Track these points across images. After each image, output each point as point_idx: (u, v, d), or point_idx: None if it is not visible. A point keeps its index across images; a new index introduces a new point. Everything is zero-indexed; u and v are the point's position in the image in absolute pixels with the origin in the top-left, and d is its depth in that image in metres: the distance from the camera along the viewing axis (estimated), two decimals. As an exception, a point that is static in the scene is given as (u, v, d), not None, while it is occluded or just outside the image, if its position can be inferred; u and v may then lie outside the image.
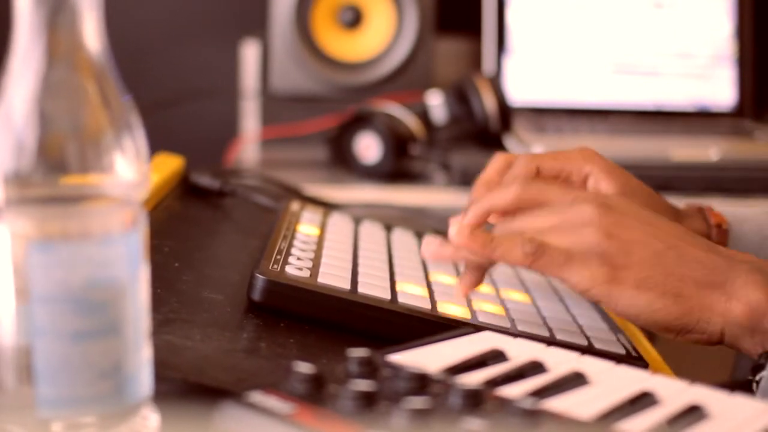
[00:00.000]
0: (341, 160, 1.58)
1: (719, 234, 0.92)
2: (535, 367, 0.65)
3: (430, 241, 0.81)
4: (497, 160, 0.92)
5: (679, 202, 0.97)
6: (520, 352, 0.68)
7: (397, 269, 0.90)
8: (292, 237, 0.90)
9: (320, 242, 0.91)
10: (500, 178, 0.90)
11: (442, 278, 0.90)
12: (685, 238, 0.77)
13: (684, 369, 0.83)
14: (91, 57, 0.53)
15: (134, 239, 0.55)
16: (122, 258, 0.54)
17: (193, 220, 1.01)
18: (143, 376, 0.56)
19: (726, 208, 0.96)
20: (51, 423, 0.53)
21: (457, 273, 0.94)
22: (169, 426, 0.58)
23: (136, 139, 0.54)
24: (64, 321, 0.52)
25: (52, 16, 0.52)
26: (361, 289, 0.80)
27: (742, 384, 0.98)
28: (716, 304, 0.74)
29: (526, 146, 1.56)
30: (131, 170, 0.54)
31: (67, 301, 0.52)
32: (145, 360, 0.56)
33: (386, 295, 0.81)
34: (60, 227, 0.53)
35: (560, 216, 0.77)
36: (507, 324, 0.81)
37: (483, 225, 0.84)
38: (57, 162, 0.52)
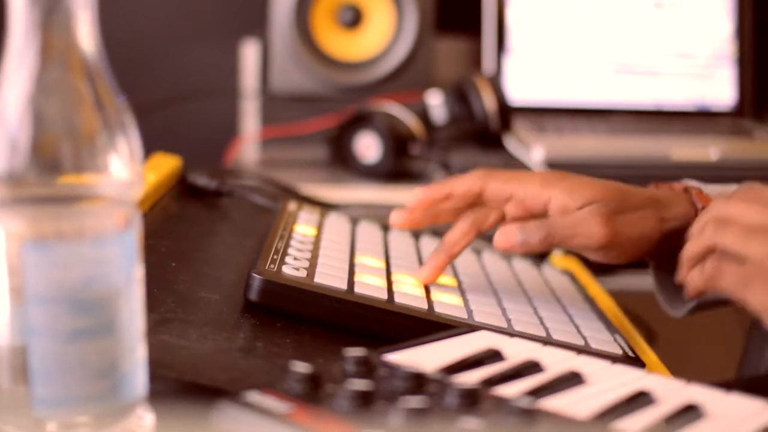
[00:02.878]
0: (341, 160, 1.58)
1: None
2: (531, 367, 0.65)
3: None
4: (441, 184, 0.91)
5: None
6: (516, 351, 0.68)
7: (393, 269, 0.89)
8: (289, 237, 0.90)
9: (317, 242, 0.91)
10: (439, 184, 0.90)
11: (440, 279, 0.90)
12: None
13: (684, 371, 0.83)
14: (85, 57, 0.53)
15: (129, 239, 0.55)
16: (117, 258, 0.54)
17: (190, 220, 1.01)
18: (138, 376, 0.56)
19: (714, 187, 0.93)
20: (46, 423, 0.53)
21: (454, 273, 0.93)
22: (164, 425, 0.58)
23: (130, 140, 0.54)
24: (59, 321, 0.52)
25: (46, 16, 0.52)
26: (357, 289, 0.80)
27: (740, 383, 0.98)
28: None
29: (526, 146, 1.56)
30: (125, 170, 0.54)
31: (62, 300, 0.52)
32: (140, 360, 0.56)
33: (383, 295, 0.80)
34: (54, 227, 0.53)
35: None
36: (503, 324, 0.81)
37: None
38: (51, 162, 0.52)
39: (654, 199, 0.90)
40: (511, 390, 0.60)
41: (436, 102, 1.61)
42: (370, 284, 0.82)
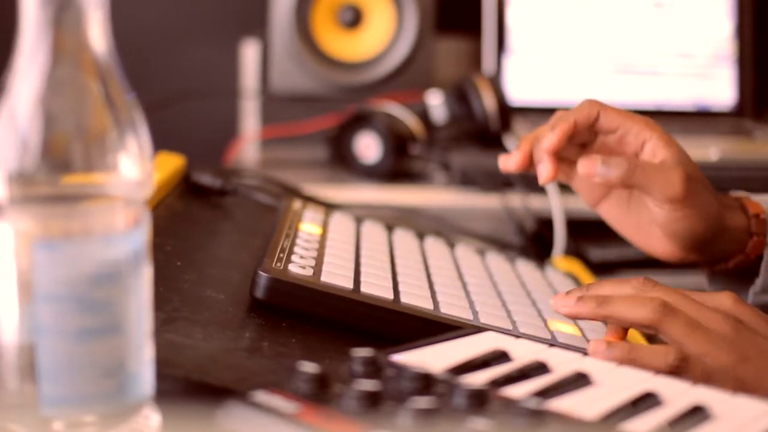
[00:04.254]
0: (341, 160, 1.58)
1: (758, 224, 0.91)
2: (538, 368, 0.65)
3: (565, 298, 0.79)
4: (556, 114, 0.91)
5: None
6: (523, 352, 0.68)
7: (399, 269, 0.89)
8: (295, 235, 0.90)
9: (323, 241, 0.91)
10: (560, 118, 0.90)
11: (444, 278, 0.90)
12: None
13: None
14: (96, 56, 0.53)
15: (137, 238, 0.55)
16: (125, 257, 0.54)
17: (194, 219, 1.01)
18: (145, 375, 0.56)
19: (762, 196, 0.94)
20: (52, 421, 0.53)
21: (458, 275, 0.93)
22: (170, 425, 0.58)
23: (140, 139, 0.54)
24: (68, 319, 0.52)
25: (58, 14, 0.52)
26: (363, 289, 0.80)
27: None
28: None
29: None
30: (135, 169, 0.54)
31: (71, 299, 0.52)
32: (147, 359, 0.56)
33: (389, 295, 0.80)
34: (63, 226, 0.52)
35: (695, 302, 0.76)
36: (509, 325, 0.81)
37: None
38: (61, 161, 0.52)
39: (720, 197, 0.92)
40: (518, 391, 0.60)
41: (436, 102, 1.61)
42: (376, 284, 0.82)
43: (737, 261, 0.92)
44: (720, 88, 1.87)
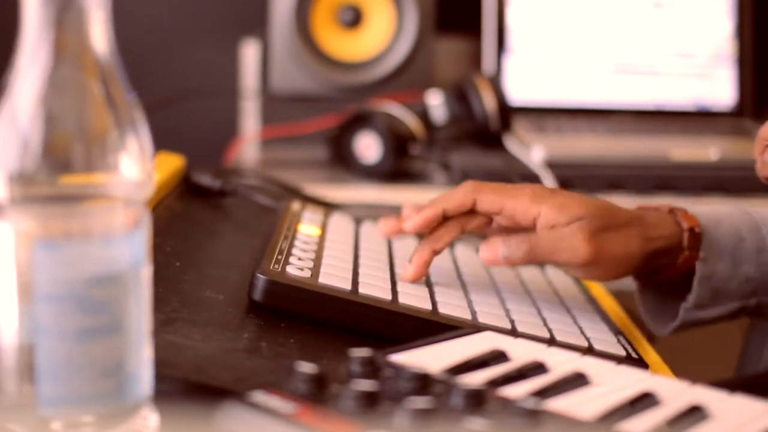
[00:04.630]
0: (341, 160, 1.58)
1: (691, 238, 0.90)
2: (536, 368, 0.65)
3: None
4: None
5: (666, 201, 0.95)
6: (521, 352, 0.68)
7: (398, 270, 0.90)
8: (293, 237, 0.90)
9: (321, 242, 0.91)
10: (431, 201, 0.90)
11: (443, 279, 0.90)
12: None
13: (685, 370, 0.83)
14: (98, 57, 0.53)
15: (137, 238, 0.55)
16: (125, 257, 0.54)
17: (194, 220, 1.01)
18: (144, 376, 0.56)
19: (702, 207, 0.94)
20: (51, 421, 0.53)
21: (457, 275, 0.94)
22: (169, 425, 0.58)
23: (141, 139, 0.54)
24: (67, 319, 0.52)
25: (59, 14, 0.52)
26: (362, 290, 0.80)
27: (743, 383, 0.98)
28: None
29: (526, 146, 1.56)
30: (135, 170, 0.54)
31: (70, 299, 0.52)
32: (146, 359, 0.56)
33: (387, 296, 0.81)
34: (64, 226, 0.53)
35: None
36: (507, 325, 0.81)
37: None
38: (61, 161, 0.52)
39: (640, 218, 0.90)
40: (516, 391, 0.60)
41: (436, 102, 1.61)
42: (374, 285, 0.82)
43: (667, 274, 0.92)
44: (720, 88, 1.87)
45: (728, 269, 0.91)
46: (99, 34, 0.53)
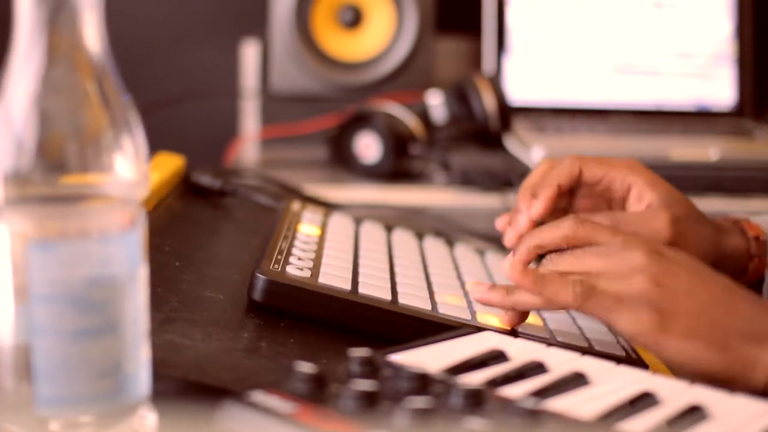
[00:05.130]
0: (341, 160, 1.58)
1: (758, 246, 0.91)
2: (535, 368, 0.65)
3: (480, 285, 0.80)
4: (542, 164, 0.92)
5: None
6: (520, 352, 0.68)
7: (397, 269, 0.89)
8: (293, 237, 0.90)
9: (321, 242, 0.91)
10: (543, 182, 0.89)
11: (443, 278, 0.90)
12: (732, 290, 0.76)
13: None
14: (91, 56, 0.53)
15: (133, 238, 0.55)
16: (121, 257, 0.54)
17: (193, 220, 1.01)
18: (142, 375, 0.56)
19: (761, 218, 0.94)
20: (49, 422, 0.53)
21: (457, 275, 0.93)
22: (168, 425, 0.58)
23: (136, 139, 0.54)
24: (64, 320, 0.52)
25: (53, 15, 0.52)
26: (361, 290, 0.80)
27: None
28: (760, 359, 0.73)
29: (526, 146, 1.56)
30: (131, 170, 0.54)
31: (67, 300, 0.52)
32: (143, 359, 0.56)
33: (387, 296, 0.80)
34: (59, 226, 0.52)
35: (610, 260, 0.75)
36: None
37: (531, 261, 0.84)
38: (56, 161, 0.52)
39: (715, 222, 0.91)
40: (515, 391, 0.60)
41: (436, 102, 1.61)
42: (374, 285, 0.82)
43: (740, 283, 0.92)
44: (720, 88, 1.87)
45: None
46: (92, 34, 0.53)
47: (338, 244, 0.92)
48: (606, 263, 0.75)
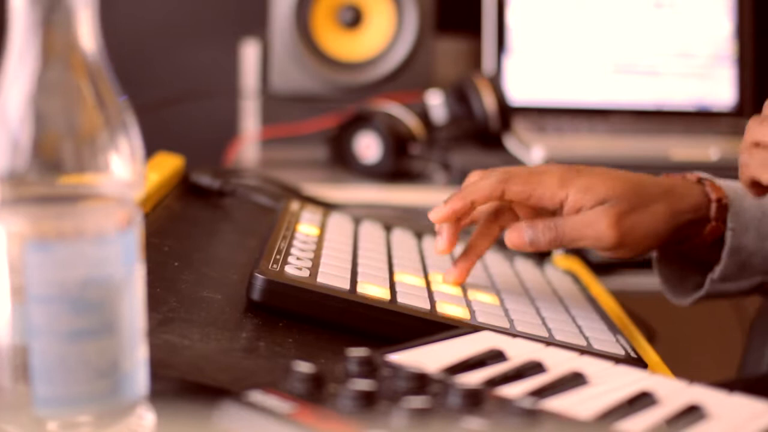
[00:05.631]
0: (341, 160, 1.58)
1: (718, 208, 0.90)
2: (534, 367, 0.65)
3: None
4: (469, 176, 0.92)
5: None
6: (519, 351, 0.68)
7: (396, 269, 0.89)
8: (292, 237, 0.90)
9: (320, 242, 0.91)
10: (458, 193, 0.89)
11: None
12: None
13: (684, 370, 0.83)
14: (86, 56, 0.53)
15: (130, 238, 0.55)
16: (118, 257, 0.54)
17: (192, 220, 1.01)
18: (139, 375, 0.56)
19: (727, 182, 0.93)
20: (46, 422, 0.53)
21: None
22: (165, 425, 0.58)
23: (132, 139, 0.54)
24: (60, 320, 0.52)
25: (47, 15, 0.51)
26: (360, 289, 0.80)
27: (741, 383, 0.98)
28: None
29: (526, 146, 1.56)
30: (126, 170, 0.53)
31: (63, 300, 0.52)
32: (140, 359, 0.56)
33: (386, 295, 0.80)
34: (55, 226, 0.52)
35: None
36: (506, 324, 0.81)
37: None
38: (52, 161, 0.52)
39: (669, 189, 0.89)
40: (514, 390, 0.60)
41: (436, 102, 1.61)
42: (372, 284, 0.82)
43: (691, 245, 0.92)
44: (720, 88, 1.87)
45: (753, 243, 0.91)
46: (87, 34, 0.53)
47: (337, 244, 0.92)
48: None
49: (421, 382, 0.57)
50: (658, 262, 0.96)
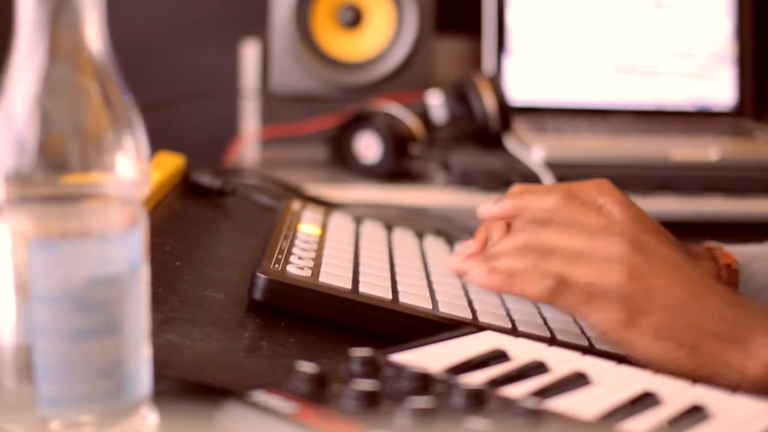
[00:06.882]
0: (341, 160, 1.58)
1: (729, 274, 0.89)
2: (537, 367, 0.65)
3: (456, 254, 0.81)
4: (510, 195, 0.87)
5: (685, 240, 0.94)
6: (521, 352, 0.68)
7: (398, 269, 0.89)
8: (294, 236, 0.90)
9: (321, 242, 0.91)
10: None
11: (443, 277, 0.90)
12: (711, 288, 0.74)
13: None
14: (93, 56, 0.53)
15: (134, 238, 0.55)
16: (122, 257, 0.54)
17: (193, 219, 1.01)
18: (142, 375, 0.56)
19: (735, 246, 0.93)
20: (50, 421, 0.53)
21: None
22: (168, 425, 0.58)
23: (137, 139, 0.54)
24: (64, 319, 0.52)
25: (54, 14, 0.52)
26: (362, 289, 0.80)
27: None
28: (733, 361, 0.71)
29: (526, 146, 1.56)
30: (132, 169, 0.54)
31: (68, 299, 0.52)
32: (144, 359, 0.56)
33: (387, 295, 0.80)
34: (60, 226, 0.52)
35: (590, 242, 0.74)
36: (508, 324, 0.81)
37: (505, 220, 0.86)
38: (58, 161, 0.52)
39: (685, 246, 0.89)
40: (517, 390, 0.60)
41: (436, 102, 1.61)
42: (374, 284, 0.82)
43: None
44: (720, 88, 1.87)
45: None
46: (94, 34, 0.53)
47: (339, 244, 0.92)
48: (585, 244, 0.74)
49: (424, 382, 0.57)
50: None
